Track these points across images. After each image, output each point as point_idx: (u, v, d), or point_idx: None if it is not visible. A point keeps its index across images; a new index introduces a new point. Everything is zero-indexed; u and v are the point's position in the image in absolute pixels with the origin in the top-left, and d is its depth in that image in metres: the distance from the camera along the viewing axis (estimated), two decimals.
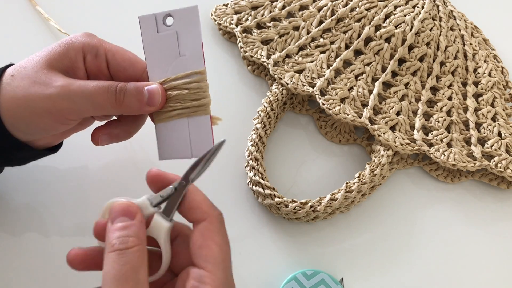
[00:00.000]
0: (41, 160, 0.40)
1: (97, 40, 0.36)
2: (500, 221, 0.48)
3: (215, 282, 0.28)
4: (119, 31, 0.52)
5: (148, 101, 0.34)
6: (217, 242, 0.29)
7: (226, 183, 0.46)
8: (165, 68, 0.34)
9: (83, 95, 0.33)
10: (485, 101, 0.53)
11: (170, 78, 0.34)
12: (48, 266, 0.40)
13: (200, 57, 0.34)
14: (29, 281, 0.39)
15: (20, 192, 0.43)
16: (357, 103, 0.50)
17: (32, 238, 0.41)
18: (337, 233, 0.45)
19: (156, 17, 0.34)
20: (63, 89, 0.33)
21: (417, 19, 0.55)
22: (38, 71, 0.34)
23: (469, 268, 0.45)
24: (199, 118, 0.34)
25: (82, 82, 0.34)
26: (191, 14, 0.33)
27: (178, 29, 0.34)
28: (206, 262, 0.28)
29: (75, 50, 0.35)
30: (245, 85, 0.54)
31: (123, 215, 0.28)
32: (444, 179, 0.49)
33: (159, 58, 0.34)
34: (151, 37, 0.34)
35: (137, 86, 0.34)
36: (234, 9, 0.58)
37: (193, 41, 0.33)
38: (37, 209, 0.43)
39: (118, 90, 0.34)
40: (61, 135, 0.39)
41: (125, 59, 0.36)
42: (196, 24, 0.33)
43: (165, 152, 0.36)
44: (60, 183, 0.44)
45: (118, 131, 0.38)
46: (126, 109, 0.34)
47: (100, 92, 0.33)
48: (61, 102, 0.33)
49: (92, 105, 0.34)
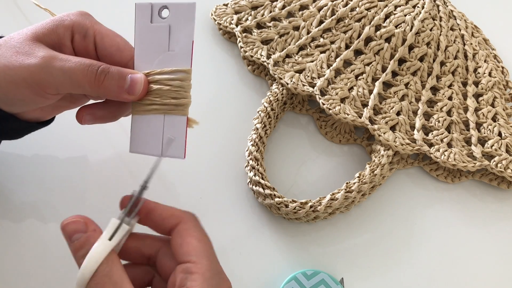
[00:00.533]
0: (41, 153, 0.40)
1: (89, 20, 0.35)
2: (500, 221, 0.48)
3: (201, 269, 0.28)
4: (113, 15, 0.52)
5: (128, 89, 0.33)
6: (196, 237, 0.30)
7: (226, 183, 0.46)
8: (152, 60, 0.33)
9: (62, 69, 0.32)
10: (485, 101, 0.53)
11: (154, 71, 0.33)
12: (48, 260, 0.40)
13: (188, 55, 0.33)
14: (28, 276, 0.39)
15: (20, 186, 0.43)
16: (357, 103, 0.50)
17: (31, 233, 0.41)
18: (337, 233, 0.45)
19: (153, 7, 0.33)
20: (44, 60, 0.32)
21: (417, 19, 0.55)
22: (23, 42, 0.33)
23: (469, 268, 0.45)
24: (175, 118, 0.33)
25: (65, 56, 0.33)
26: (187, 11, 0.32)
27: (172, 23, 0.33)
28: (188, 255, 0.29)
29: (64, 27, 0.34)
30: (245, 85, 0.54)
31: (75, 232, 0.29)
32: (444, 179, 0.49)
33: (148, 49, 0.33)
34: (144, 26, 0.33)
35: (121, 71, 0.33)
36: (234, 9, 0.58)
37: (185, 38, 0.33)
38: (36, 204, 0.42)
39: (100, 70, 0.33)
40: (51, 111, 0.38)
41: (113, 44, 0.35)
42: (190, 21, 0.32)
43: (136, 146, 0.35)
44: (60, 177, 0.44)
45: (103, 113, 0.37)
46: (104, 92, 0.33)
47: (80, 68, 0.32)
48: (39, 73, 0.32)
49: (70, 81, 0.33)
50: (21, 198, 0.42)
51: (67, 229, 0.29)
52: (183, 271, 0.29)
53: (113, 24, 0.37)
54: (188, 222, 0.31)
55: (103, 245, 0.28)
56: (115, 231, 0.29)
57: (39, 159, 0.41)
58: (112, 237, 0.29)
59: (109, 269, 0.28)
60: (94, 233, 0.29)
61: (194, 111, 0.50)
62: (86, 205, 0.43)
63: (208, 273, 0.29)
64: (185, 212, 0.31)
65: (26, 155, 0.44)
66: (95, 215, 0.31)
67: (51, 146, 0.45)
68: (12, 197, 0.42)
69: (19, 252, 0.40)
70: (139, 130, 0.34)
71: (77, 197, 0.43)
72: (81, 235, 0.29)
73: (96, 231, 0.29)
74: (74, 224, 0.29)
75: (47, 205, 0.43)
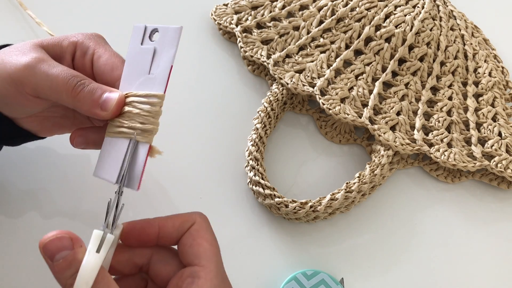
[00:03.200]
0: (41, 146, 0.40)
1: (95, 41, 0.36)
2: (500, 221, 0.48)
3: (209, 274, 0.28)
4: (111, 35, 0.52)
5: (101, 104, 0.32)
6: (207, 239, 0.30)
7: (226, 183, 0.46)
8: (134, 82, 0.33)
9: (46, 72, 0.33)
10: (486, 101, 0.53)
11: (132, 93, 0.33)
12: None
13: (164, 80, 0.32)
14: (28, 267, 0.39)
15: (20, 178, 0.43)
16: (357, 103, 0.50)
17: (31, 224, 0.41)
18: (337, 233, 0.45)
19: (146, 29, 0.33)
20: (34, 60, 0.33)
21: (417, 19, 0.55)
22: (27, 44, 0.34)
23: (469, 268, 0.45)
24: (139, 144, 0.32)
25: (55, 63, 0.33)
26: (172, 35, 0.32)
27: (158, 47, 0.32)
28: (198, 258, 0.29)
29: (69, 42, 0.35)
30: (245, 85, 0.54)
31: (59, 250, 0.26)
32: (444, 179, 0.49)
33: (133, 71, 0.33)
34: (135, 48, 0.33)
35: (99, 87, 0.33)
36: (234, 9, 0.58)
37: (164, 63, 0.32)
38: (36, 195, 0.42)
39: (80, 82, 0.33)
40: (51, 127, 0.38)
41: (107, 63, 0.35)
42: (173, 46, 0.32)
43: (98, 169, 0.34)
44: (60, 168, 0.44)
45: (96, 137, 0.36)
46: (79, 104, 0.33)
47: (63, 75, 0.33)
48: (23, 70, 0.33)
49: (50, 86, 0.33)
50: (21, 197, 0.42)
51: (49, 247, 0.26)
52: (190, 275, 0.28)
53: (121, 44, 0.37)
54: (201, 224, 0.30)
55: (93, 260, 0.26)
56: (101, 242, 0.27)
57: (39, 147, 0.41)
58: (99, 249, 0.27)
59: (103, 284, 0.26)
60: (81, 249, 0.26)
61: (194, 111, 0.51)
62: (86, 194, 0.43)
63: (216, 280, 0.28)
64: (196, 213, 0.31)
65: (26, 154, 0.44)
66: (95, 202, 0.30)
67: (52, 145, 0.45)
68: (12, 196, 0.42)
69: (17, 243, 0.40)
70: (105, 153, 0.34)
71: (77, 197, 0.43)
72: (67, 253, 0.26)
73: (82, 247, 0.27)
74: (58, 241, 0.26)
75: (48, 204, 0.43)
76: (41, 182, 0.43)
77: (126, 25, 0.54)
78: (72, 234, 0.26)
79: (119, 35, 0.47)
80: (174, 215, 0.31)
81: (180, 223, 0.30)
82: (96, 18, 0.57)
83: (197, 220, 0.30)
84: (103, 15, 0.57)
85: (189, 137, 0.49)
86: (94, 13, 0.57)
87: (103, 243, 0.27)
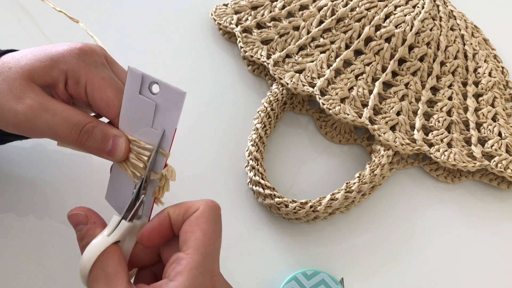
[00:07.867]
0: (39, 143, 0.39)
1: (85, 64, 0.34)
2: (500, 221, 0.48)
3: (190, 264, 0.28)
4: (111, 34, 0.52)
5: (109, 151, 0.33)
6: (203, 229, 0.29)
7: (226, 183, 0.46)
8: (134, 128, 0.33)
9: (47, 123, 0.33)
10: (485, 101, 0.53)
11: (136, 141, 0.33)
12: (50, 245, 0.40)
13: (169, 141, 0.32)
14: (30, 260, 0.39)
15: (23, 168, 0.43)
16: (357, 103, 0.50)
17: (35, 215, 0.41)
18: (337, 233, 0.45)
19: (143, 78, 0.31)
20: (31, 110, 0.32)
21: (417, 19, 0.55)
22: (17, 79, 0.33)
23: (469, 268, 0.45)
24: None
25: (54, 107, 0.33)
26: (177, 98, 0.31)
27: (159, 103, 0.31)
28: (186, 245, 0.29)
29: (59, 71, 0.34)
30: (245, 85, 0.54)
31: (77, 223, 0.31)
32: (444, 179, 0.49)
33: (132, 117, 0.33)
34: (132, 93, 0.32)
35: (104, 133, 0.33)
36: (234, 9, 0.58)
37: (169, 124, 0.32)
38: (40, 186, 0.42)
39: (84, 131, 0.33)
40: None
41: (102, 98, 0.34)
42: (177, 109, 0.31)
43: (109, 195, 0.35)
44: (64, 159, 0.44)
45: None
46: (86, 150, 0.34)
47: (65, 126, 0.33)
48: (25, 122, 0.33)
49: (54, 135, 0.33)
50: (21, 197, 0.42)
51: (70, 220, 0.31)
52: (175, 261, 0.28)
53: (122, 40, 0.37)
54: (204, 212, 0.30)
55: (101, 239, 0.29)
56: (116, 227, 0.30)
57: (39, 158, 0.41)
58: (110, 233, 0.30)
59: (103, 261, 0.29)
60: (94, 226, 0.30)
61: (195, 111, 0.51)
62: (90, 185, 0.43)
63: (196, 270, 0.28)
64: (202, 201, 0.31)
65: (26, 154, 0.44)
66: (99, 193, 0.31)
67: (52, 145, 0.45)
68: (12, 196, 0.42)
69: (20, 234, 0.40)
70: (115, 183, 0.35)
71: (80, 178, 0.43)
72: (83, 227, 0.30)
73: (96, 223, 0.30)
74: (75, 217, 0.31)
75: (48, 203, 0.43)
76: (41, 181, 0.43)
77: (126, 25, 0.54)
78: (89, 212, 0.31)
79: (119, 35, 0.47)
80: (182, 203, 0.31)
81: (185, 210, 0.30)
82: (96, 18, 0.57)
83: (200, 208, 0.30)
84: (103, 15, 0.57)
85: (189, 137, 0.49)
86: (94, 12, 0.57)
87: (115, 228, 0.30)
